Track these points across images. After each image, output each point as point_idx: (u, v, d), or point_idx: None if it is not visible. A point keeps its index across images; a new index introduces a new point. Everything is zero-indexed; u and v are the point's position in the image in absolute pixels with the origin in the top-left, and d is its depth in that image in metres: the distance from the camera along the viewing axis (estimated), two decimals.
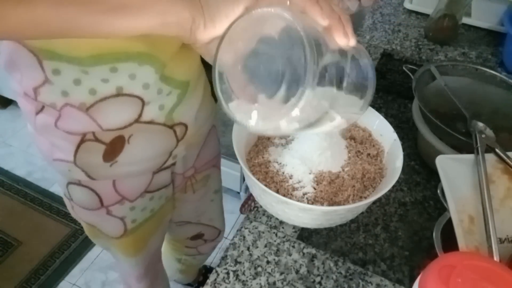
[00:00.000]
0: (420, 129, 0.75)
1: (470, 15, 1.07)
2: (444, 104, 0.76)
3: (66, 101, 0.60)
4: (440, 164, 0.58)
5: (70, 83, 0.58)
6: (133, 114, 0.63)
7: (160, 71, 0.62)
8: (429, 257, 0.45)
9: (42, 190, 1.80)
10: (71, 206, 0.77)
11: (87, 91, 0.59)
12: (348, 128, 0.66)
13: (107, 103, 0.60)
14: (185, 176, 0.87)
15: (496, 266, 0.42)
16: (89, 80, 0.58)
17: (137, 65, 0.59)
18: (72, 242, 1.62)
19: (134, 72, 0.60)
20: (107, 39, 0.55)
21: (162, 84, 0.63)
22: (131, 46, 0.58)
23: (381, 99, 0.99)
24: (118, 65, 0.58)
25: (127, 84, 0.60)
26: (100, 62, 0.57)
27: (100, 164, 0.66)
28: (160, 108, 0.65)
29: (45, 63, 0.56)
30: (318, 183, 0.57)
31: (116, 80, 0.59)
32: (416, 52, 0.96)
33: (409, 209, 0.73)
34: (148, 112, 0.64)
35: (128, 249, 0.87)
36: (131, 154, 0.67)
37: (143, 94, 0.62)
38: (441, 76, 0.79)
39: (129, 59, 0.58)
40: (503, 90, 0.79)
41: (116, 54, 0.57)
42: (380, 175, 0.60)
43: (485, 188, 0.55)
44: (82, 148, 0.64)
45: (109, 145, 0.64)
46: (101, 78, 0.58)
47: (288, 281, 0.57)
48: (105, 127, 0.62)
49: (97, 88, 0.59)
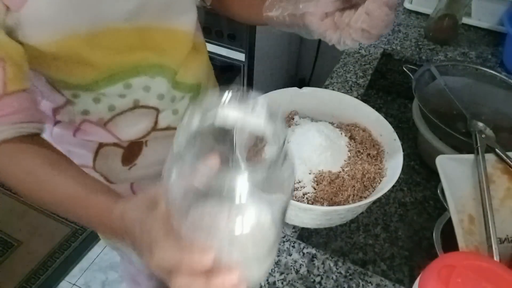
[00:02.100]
0: (420, 129, 0.75)
1: (470, 15, 1.07)
2: (444, 104, 0.76)
3: (85, 118, 0.60)
4: (440, 164, 0.58)
5: (90, 102, 0.58)
6: (149, 124, 0.63)
7: (172, 79, 0.62)
8: (429, 257, 0.45)
9: None
10: None
11: (107, 108, 0.59)
12: (348, 128, 0.66)
13: (124, 116, 0.61)
14: None
15: (496, 266, 0.42)
16: (108, 97, 0.58)
17: (149, 78, 0.59)
18: (72, 242, 1.62)
19: (148, 85, 0.60)
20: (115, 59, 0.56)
21: (175, 91, 0.64)
22: (140, 60, 0.58)
23: (381, 99, 0.99)
24: (131, 81, 0.58)
25: (143, 97, 0.61)
26: (113, 82, 0.57)
27: (119, 168, 0.66)
28: (174, 113, 0.65)
29: (63, 91, 0.57)
30: (318, 183, 0.57)
31: (132, 94, 0.60)
32: (416, 52, 0.96)
33: (409, 209, 0.73)
34: (163, 119, 0.64)
35: None
36: (149, 156, 0.67)
37: (158, 104, 0.63)
38: (441, 76, 0.79)
39: (140, 73, 0.59)
40: (503, 90, 0.78)
41: (126, 72, 0.57)
42: (380, 175, 0.60)
43: (485, 188, 0.55)
44: (100, 154, 0.64)
45: (127, 148, 0.64)
46: (118, 94, 0.58)
47: (288, 281, 0.57)
48: (123, 139, 0.63)
49: (115, 103, 0.59)
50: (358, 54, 0.94)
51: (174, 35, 0.61)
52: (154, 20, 0.57)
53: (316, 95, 0.68)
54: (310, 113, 0.68)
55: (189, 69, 0.65)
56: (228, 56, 1.30)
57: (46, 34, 0.50)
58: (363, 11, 0.48)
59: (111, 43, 0.54)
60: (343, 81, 0.87)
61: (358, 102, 0.67)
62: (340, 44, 0.53)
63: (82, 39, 0.51)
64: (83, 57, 0.53)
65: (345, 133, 0.64)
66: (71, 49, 0.52)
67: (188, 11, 0.63)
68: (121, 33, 0.54)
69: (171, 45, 0.61)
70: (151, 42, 0.58)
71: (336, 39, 0.53)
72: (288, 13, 0.55)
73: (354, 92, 0.85)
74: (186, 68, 0.64)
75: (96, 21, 0.51)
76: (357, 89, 0.85)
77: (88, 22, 0.51)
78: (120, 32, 0.54)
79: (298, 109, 0.68)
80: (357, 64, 0.92)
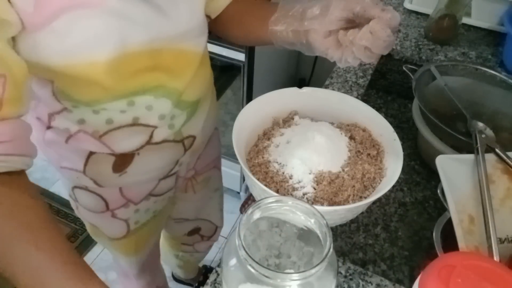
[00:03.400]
0: (420, 129, 0.75)
1: (470, 15, 1.07)
2: (444, 104, 0.76)
3: (81, 128, 0.60)
4: (440, 164, 0.58)
5: (89, 113, 0.58)
6: (144, 138, 0.63)
7: (177, 100, 0.62)
8: (429, 257, 0.45)
9: (42, 190, 1.79)
10: (75, 206, 0.77)
11: (104, 121, 0.59)
12: (348, 128, 0.66)
13: (120, 131, 0.61)
14: (186, 177, 0.87)
15: (496, 266, 0.42)
16: (108, 111, 0.58)
17: (154, 98, 0.60)
18: (72, 242, 1.62)
19: (151, 104, 0.60)
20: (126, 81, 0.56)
21: (175, 110, 0.64)
22: (149, 81, 0.58)
23: (381, 99, 0.99)
24: (135, 99, 0.58)
25: (144, 115, 0.61)
26: (117, 98, 0.57)
27: (109, 174, 0.66)
28: (170, 128, 0.65)
29: (63, 101, 0.57)
30: (318, 183, 0.57)
31: (134, 112, 0.59)
32: (416, 52, 0.96)
33: (409, 209, 0.73)
34: (158, 135, 0.64)
35: (129, 249, 0.87)
36: (140, 166, 0.67)
37: (158, 123, 0.62)
38: (441, 76, 0.79)
39: (145, 93, 0.59)
40: (503, 90, 0.78)
41: (132, 91, 0.58)
42: (380, 175, 0.60)
43: (485, 188, 0.55)
44: (91, 160, 0.64)
45: (119, 157, 0.64)
46: (119, 110, 0.58)
47: None
48: (117, 151, 0.63)
49: (115, 118, 0.59)
50: None
51: (185, 56, 0.61)
52: (168, 43, 0.58)
53: (316, 95, 0.68)
54: (310, 113, 0.68)
55: (194, 87, 0.66)
56: (228, 56, 1.29)
57: (63, 60, 0.50)
58: (368, 30, 0.49)
59: (126, 67, 0.54)
60: (343, 81, 0.87)
61: (358, 102, 0.67)
62: (341, 61, 0.55)
63: (100, 66, 0.52)
64: (96, 80, 0.53)
65: (345, 133, 0.64)
66: (86, 73, 0.52)
67: (201, 34, 0.64)
68: (135, 57, 0.55)
69: (181, 65, 0.61)
70: (161, 63, 0.58)
71: (337, 57, 0.54)
72: (292, 29, 0.56)
73: (354, 92, 0.85)
74: (191, 87, 0.65)
75: (117, 49, 0.52)
76: (357, 89, 0.85)
77: (110, 51, 0.51)
78: (134, 56, 0.54)
79: (298, 109, 0.68)
80: None
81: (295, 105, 0.68)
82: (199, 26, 0.62)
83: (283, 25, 0.58)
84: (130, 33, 0.52)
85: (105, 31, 0.50)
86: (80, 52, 0.50)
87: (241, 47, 1.26)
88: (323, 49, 0.55)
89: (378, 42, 0.49)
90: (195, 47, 0.63)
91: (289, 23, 0.57)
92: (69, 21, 0.47)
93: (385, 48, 0.50)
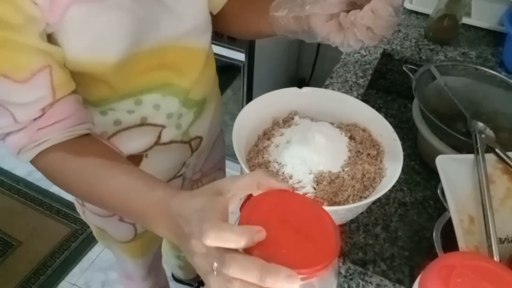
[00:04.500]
0: (420, 129, 0.75)
1: (470, 15, 1.07)
2: (444, 104, 0.76)
3: None
4: (440, 164, 0.58)
5: (97, 114, 0.58)
6: (152, 138, 0.64)
7: (184, 98, 0.62)
8: (429, 257, 0.45)
9: (42, 190, 1.80)
10: (82, 211, 0.77)
11: (112, 122, 0.59)
12: (348, 128, 0.66)
13: (129, 131, 0.61)
14: (193, 179, 0.87)
15: (496, 266, 0.42)
16: (116, 112, 0.58)
17: (161, 96, 0.60)
18: (72, 242, 1.62)
19: (159, 103, 0.60)
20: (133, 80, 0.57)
21: (183, 109, 0.64)
22: (156, 78, 0.58)
23: (381, 99, 0.99)
24: (143, 97, 0.58)
25: (152, 114, 0.61)
26: (124, 97, 0.57)
27: None
28: (178, 128, 0.66)
29: None
30: (318, 183, 0.57)
31: (141, 111, 0.60)
32: (416, 52, 0.96)
33: (409, 209, 0.73)
34: (167, 135, 0.65)
35: (136, 252, 0.87)
36: (148, 168, 0.67)
37: (165, 122, 0.63)
38: (441, 76, 0.79)
39: (153, 91, 0.59)
40: (503, 90, 0.78)
41: (139, 90, 0.58)
42: (380, 175, 0.60)
43: (485, 188, 0.55)
44: None
45: (127, 158, 0.64)
46: (127, 110, 0.59)
47: None
48: (125, 152, 0.63)
49: (122, 119, 0.59)
50: (358, 54, 0.94)
51: (191, 53, 0.62)
52: (175, 41, 0.58)
53: (316, 95, 0.68)
54: (310, 113, 0.68)
55: (200, 85, 0.66)
56: (228, 56, 1.30)
57: (76, 57, 0.51)
58: (369, 9, 0.48)
59: (134, 66, 0.55)
60: (343, 81, 0.87)
61: (358, 102, 0.67)
62: (343, 45, 0.54)
63: (109, 66, 0.52)
64: (103, 79, 0.54)
65: (345, 133, 0.64)
66: (95, 72, 0.53)
67: (206, 31, 0.64)
68: (144, 56, 0.55)
69: (187, 63, 0.61)
70: (168, 61, 0.58)
71: (339, 40, 0.53)
72: (293, 15, 0.56)
73: (354, 92, 0.85)
74: (198, 85, 0.65)
75: (128, 48, 0.52)
76: (357, 89, 0.85)
77: (121, 50, 0.52)
78: (143, 55, 0.55)
79: (298, 109, 0.68)
80: (357, 64, 0.92)
81: (295, 105, 0.68)
82: (204, 22, 0.62)
83: (284, 11, 0.57)
84: (142, 32, 0.52)
85: (118, 29, 0.50)
86: (92, 50, 0.50)
87: (241, 47, 1.26)
88: (324, 34, 0.54)
89: (380, 21, 0.48)
90: (201, 44, 0.63)
91: (290, 8, 0.56)
92: (82, 17, 0.47)
93: (388, 28, 0.49)
